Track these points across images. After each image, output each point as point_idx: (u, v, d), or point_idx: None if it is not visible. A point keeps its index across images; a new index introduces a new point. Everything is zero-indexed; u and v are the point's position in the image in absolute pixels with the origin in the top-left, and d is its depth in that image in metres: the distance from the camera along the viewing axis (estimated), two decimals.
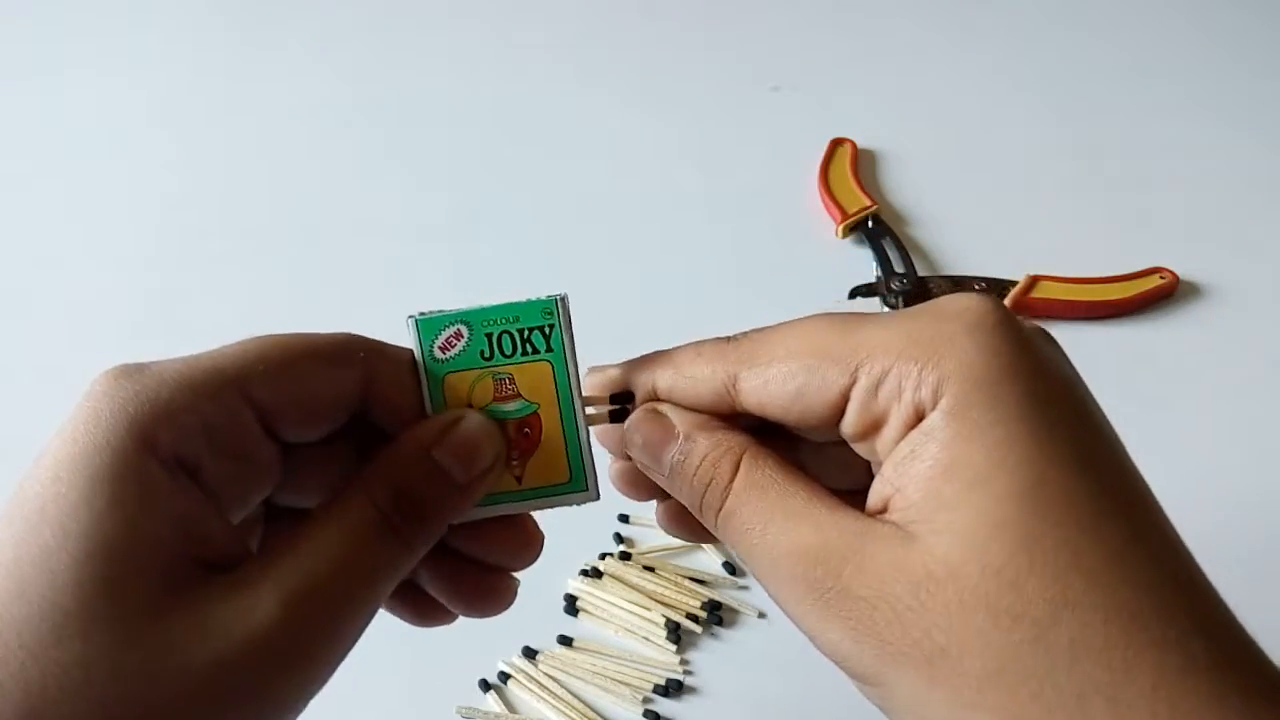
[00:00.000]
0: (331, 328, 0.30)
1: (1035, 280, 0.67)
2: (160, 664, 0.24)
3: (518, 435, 0.31)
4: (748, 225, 0.74)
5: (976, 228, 0.73)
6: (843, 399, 0.27)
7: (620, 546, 0.55)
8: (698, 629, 0.52)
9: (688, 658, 0.52)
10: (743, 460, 0.29)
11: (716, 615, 0.52)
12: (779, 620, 0.28)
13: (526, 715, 0.50)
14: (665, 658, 0.51)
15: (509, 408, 0.31)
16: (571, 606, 0.53)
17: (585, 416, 0.31)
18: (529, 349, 0.31)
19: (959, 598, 0.24)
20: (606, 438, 0.32)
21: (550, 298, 0.31)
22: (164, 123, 0.82)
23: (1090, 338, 0.66)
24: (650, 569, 0.54)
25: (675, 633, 0.52)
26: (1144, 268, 0.68)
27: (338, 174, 0.78)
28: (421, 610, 0.33)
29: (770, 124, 0.81)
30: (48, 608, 0.24)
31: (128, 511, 0.25)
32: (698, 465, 0.29)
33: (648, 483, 0.32)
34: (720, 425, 0.30)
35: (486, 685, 0.50)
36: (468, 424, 0.30)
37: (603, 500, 0.32)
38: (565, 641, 0.52)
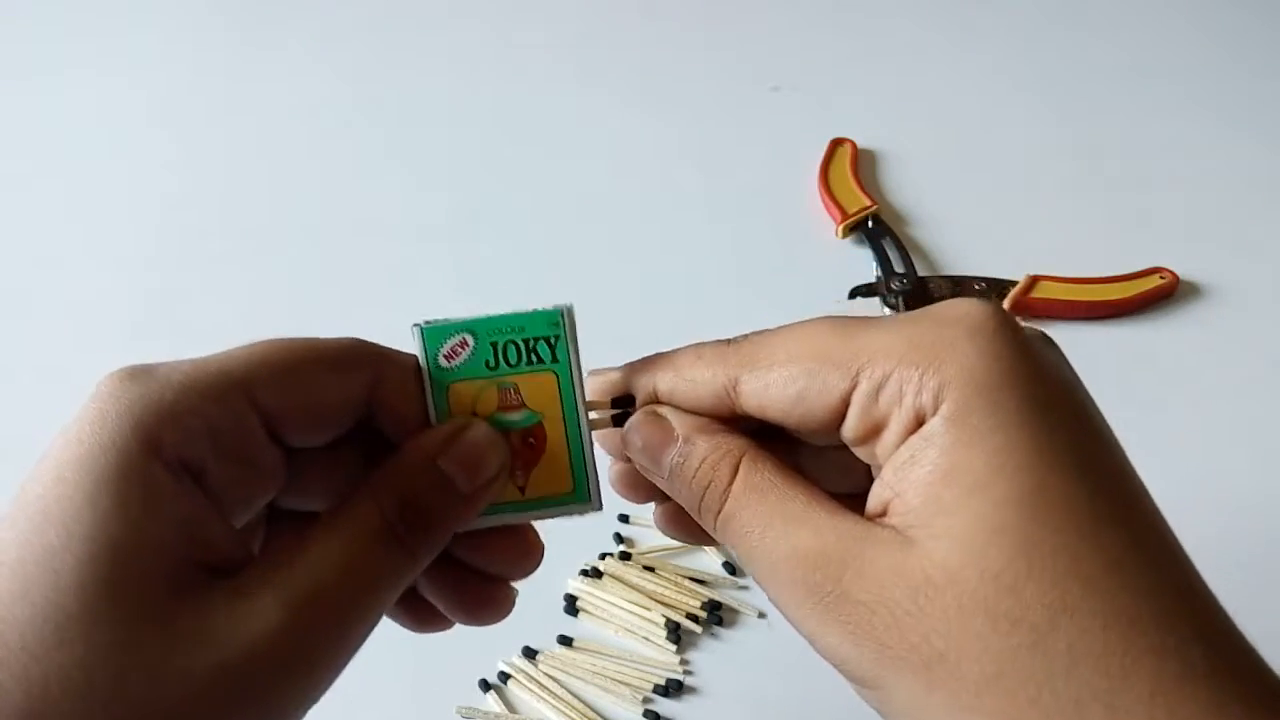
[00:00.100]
0: (332, 327, 0.30)
1: (1035, 280, 0.67)
2: (162, 668, 0.24)
3: (521, 445, 0.31)
4: (748, 225, 0.74)
5: (976, 228, 0.73)
6: (843, 403, 0.27)
7: (620, 546, 0.55)
8: (698, 629, 0.52)
9: (688, 658, 0.52)
10: (742, 463, 0.29)
11: (716, 615, 0.52)
12: (779, 620, 0.28)
13: (526, 715, 0.50)
14: (665, 658, 0.51)
15: (513, 418, 0.31)
16: (571, 606, 0.53)
17: (590, 427, 0.31)
18: (534, 359, 0.30)
19: (957, 602, 0.24)
20: (606, 440, 0.32)
21: (556, 308, 0.31)
22: (164, 123, 0.82)
23: (1090, 338, 0.66)
24: (650, 569, 0.54)
25: (675, 633, 0.52)
26: (1144, 268, 0.68)
27: (338, 174, 0.78)
28: (420, 617, 0.33)
29: (770, 124, 0.81)
30: (51, 609, 0.24)
31: (132, 514, 0.25)
32: (697, 467, 0.29)
33: (647, 485, 0.32)
34: (720, 428, 0.30)
35: (486, 685, 0.50)
36: (473, 433, 0.30)
37: (604, 500, 0.32)
38: (565, 641, 0.52)
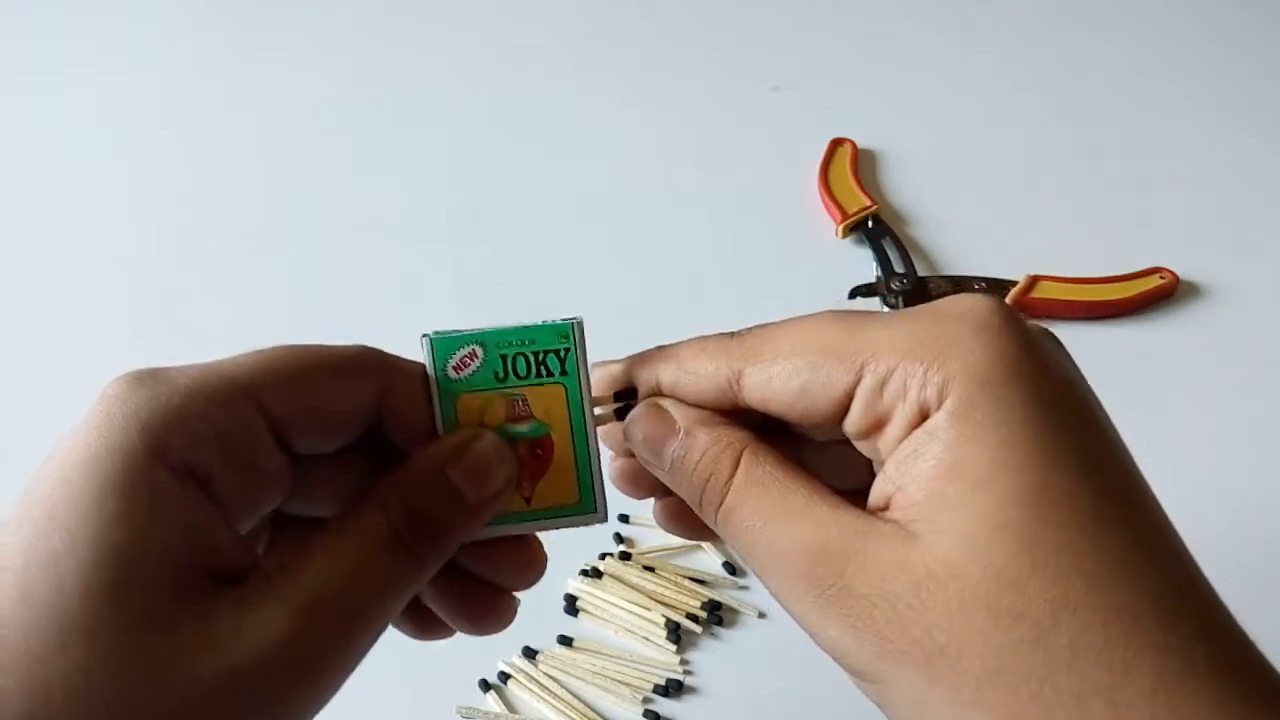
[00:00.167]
0: (332, 327, 0.30)
1: (1035, 280, 0.67)
2: (166, 674, 0.24)
3: (528, 456, 0.31)
4: (748, 225, 0.74)
5: (976, 228, 0.73)
6: (847, 397, 0.27)
7: (620, 546, 0.55)
8: (698, 629, 0.52)
9: (688, 658, 0.52)
10: (743, 456, 0.29)
11: (716, 615, 0.52)
12: (779, 620, 0.28)
13: (526, 715, 0.50)
14: (665, 658, 0.51)
15: (521, 429, 0.31)
16: (571, 606, 0.53)
17: (597, 440, 0.31)
18: (543, 372, 0.31)
19: (959, 597, 0.24)
20: (608, 434, 0.32)
21: (566, 321, 0.31)
22: (164, 123, 0.82)
23: (1090, 338, 0.66)
24: (650, 569, 0.54)
25: (675, 633, 0.52)
26: (1144, 268, 0.68)
27: (338, 174, 0.78)
28: (422, 625, 0.33)
29: (770, 124, 0.81)
30: (54, 613, 0.24)
31: (137, 519, 0.25)
32: (698, 460, 0.29)
33: (648, 480, 0.32)
34: (721, 421, 0.30)
35: (486, 685, 0.50)
36: (482, 444, 0.30)
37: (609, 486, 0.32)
38: (565, 641, 0.52)
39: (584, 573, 0.54)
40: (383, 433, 0.30)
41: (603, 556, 0.55)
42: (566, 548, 0.54)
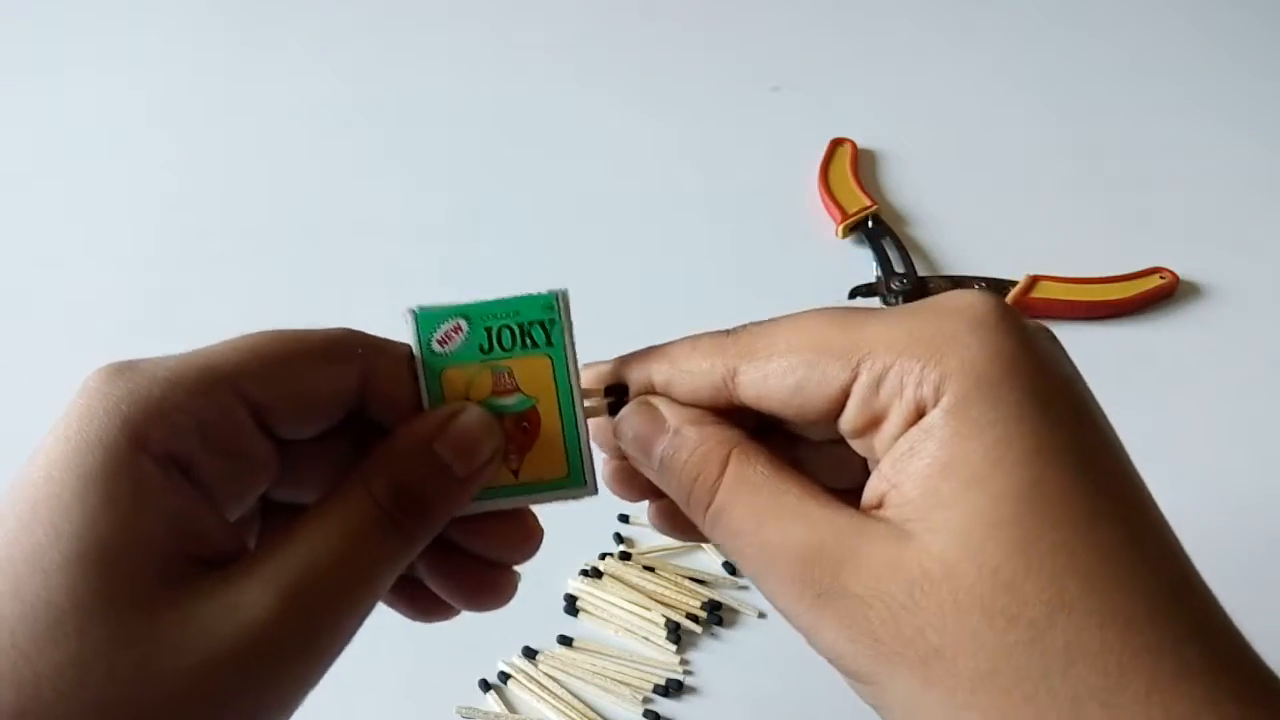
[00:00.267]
0: (331, 326, 0.30)
1: (1035, 280, 0.67)
2: (156, 663, 0.24)
3: (515, 430, 0.31)
4: (748, 225, 0.74)
5: (976, 228, 0.73)
6: (843, 394, 0.27)
7: (620, 546, 0.55)
8: (698, 629, 0.52)
9: (688, 658, 0.52)
10: (732, 455, 0.28)
11: (716, 615, 0.52)
12: (779, 620, 0.28)
13: (526, 715, 0.50)
14: (665, 658, 0.51)
15: (507, 402, 0.30)
16: (571, 606, 0.53)
17: (585, 411, 0.31)
18: (528, 343, 0.30)
19: (954, 598, 0.24)
20: (601, 437, 0.32)
21: (551, 292, 0.30)
22: (164, 123, 0.82)
23: (1090, 338, 0.66)
24: (650, 569, 0.54)
25: (675, 633, 0.52)
26: (1144, 268, 0.68)
27: (338, 174, 0.78)
28: (420, 605, 0.33)
29: (770, 124, 0.81)
30: (41, 607, 0.24)
31: (121, 509, 0.25)
32: (686, 459, 0.29)
33: (641, 482, 0.32)
34: (711, 419, 0.29)
35: (486, 685, 0.50)
36: (467, 417, 0.30)
37: (603, 500, 0.32)
38: (565, 641, 0.52)
39: (584, 573, 0.54)
40: (368, 414, 0.30)
41: (603, 556, 0.55)
42: (566, 548, 0.55)
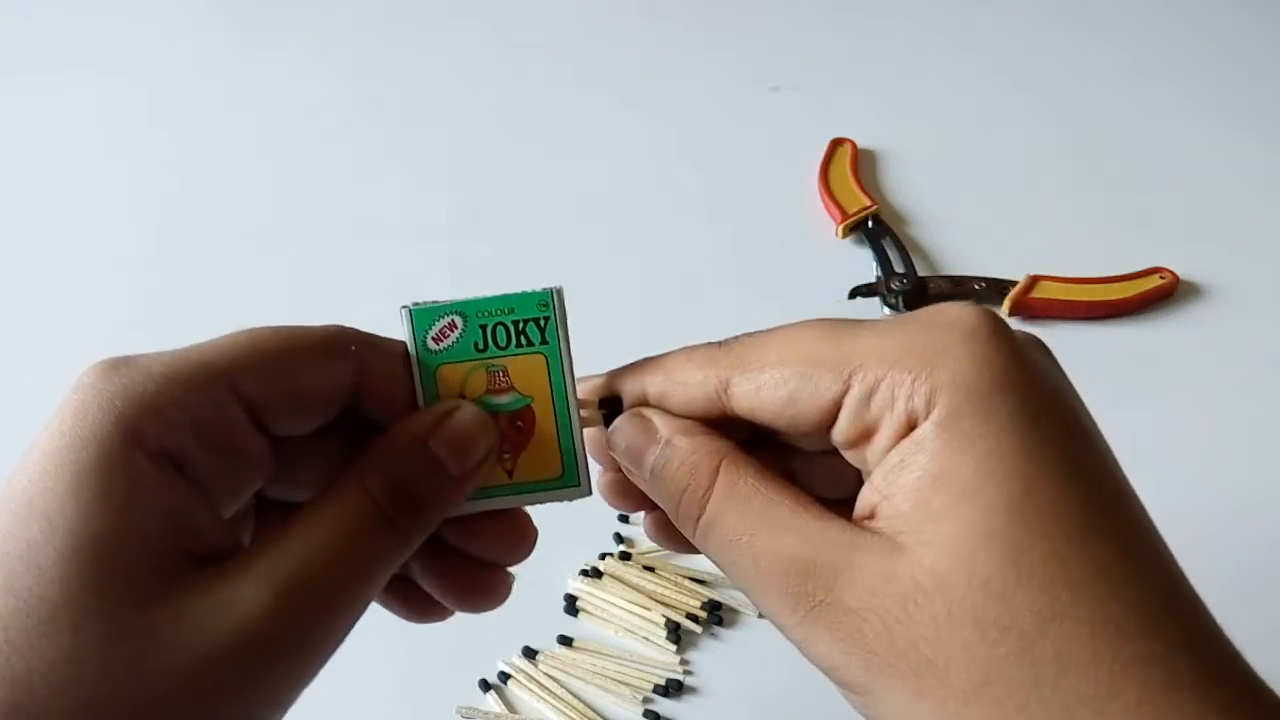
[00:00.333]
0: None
1: (1035, 280, 0.67)
2: (149, 659, 0.24)
3: (510, 429, 0.30)
4: (748, 225, 0.74)
5: (976, 228, 0.73)
6: (835, 406, 0.27)
7: (620, 546, 0.55)
8: (698, 629, 0.52)
9: (688, 658, 0.52)
10: (721, 467, 0.28)
11: (716, 615, 0.52)
12: None
13: (526, 715, 0.50)
14: (665, 658, 0.51)
15: (502, 400, 0.30)
16: (571, 606, 0.53)
17: (580, 410, 0.31)
18: (523, 341, 0.30)
19: (946, 610, 0.24)
20: (596, 449, 0.32)
21: (546, 290, 0.30)
22: (164, 123, 0.82)
23: (1090, 338, 0.66)
24: (650, 569, 0.54)
25: (675, 633, 0.52)
26: (1144, 268, 0.68)
27: (338, 174, 0.78)
28: (415, 605, 0.33)
29: (770, 124, 0.81)
30: (35, 602, 0.23)
31: (115, 505, 0.25)
32: (676, 469, 0.29)
33: (636, 494, 0.31)
34: (702, 430, 0.29)
35: (486, 685, 0.50)
36: (461, 415, 0.30)
37: (602, 501, 0.32)
38: (565, 641, 0.52)
39: (584, 573, 0.54)
40: (363, 412, 0.30)
41: (603, 556, 0.55)
42: (566, 548, 0.55)
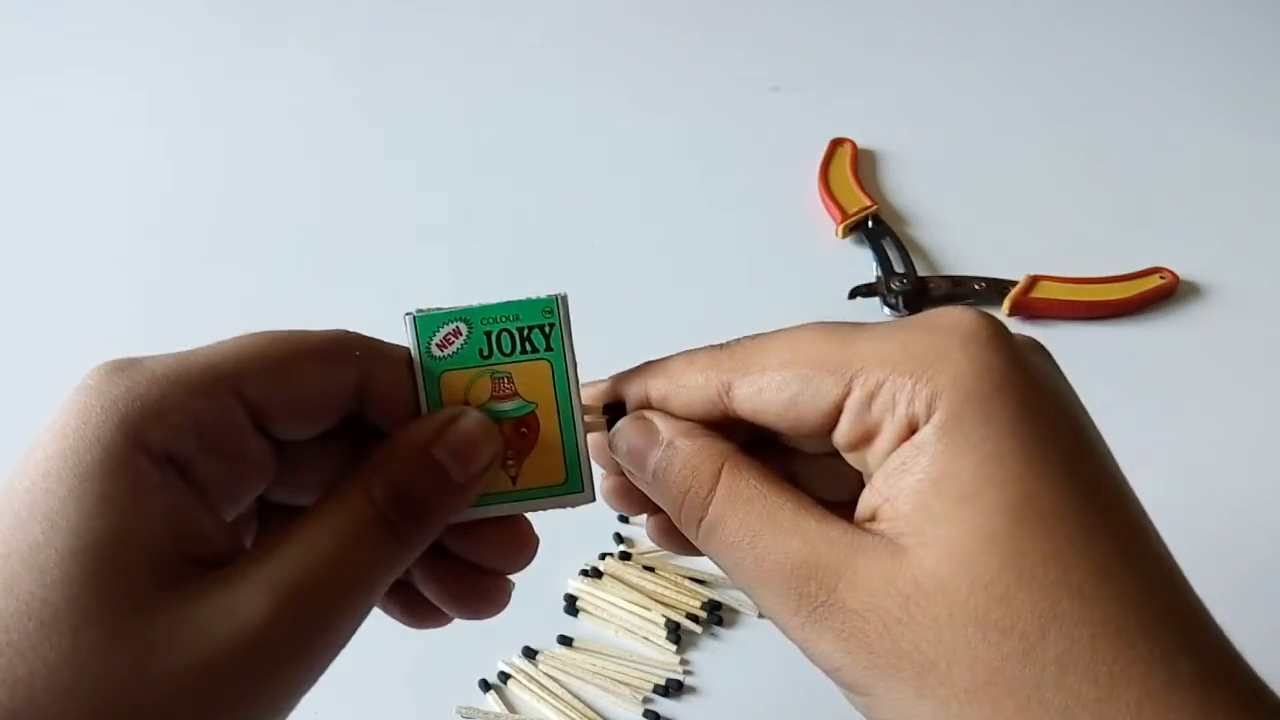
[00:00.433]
0: (331, 326, 0.30)
1: (1035, 280, 0.67)
2: (149, 663, 0.24)
3: (514, 435, 0.30)
4: (748, 225, 0.74)
5: (976, 228, 0.73)
6: (836, 409, 0.27)
7: (620, 546, 0.55)
8: (698, 629, 0.52)
9: (688, 658, 0.52)
10: (724, 469, 0.28)
11: (716, 615, 0.52)
12: None
13: (526, 715, 0.50)
14: (665, 658, 0.51)
15: (506, 407, 0.30)
16: (571, 606, 0.53)
17: (584, 416, 0.31)
18: (528, 348, 0.30)
19: (948, 611, 0.24)
20: (599, 453, 0.32)
21: (550, 296, 0.30)
22: (164, 123, 0.82)
23: (1090, 338, 0.66)
24: (650, 569, 0.54)
25: (675, 633, 0.52)
26: (1144, 268, 0.68)
27: (338, 174, 0.78)
28: (415, 611, 0.33)
29: (770, 124, 0.81)
30: (36, 604, 0.23)
31: (117, 508, 0.25)
32: (678, 471, 0.29)
33: (639, 497, 0.32)
34: (704, 432, 0.29)
35: (486, 685, 0.50)
36: (465, 421, 0.30)
37: (603, 502, 0.32)
38: (565, 641, 0.52)
39: (584, 573, 0.54)
40: (366, 417, 0.30)
41: (603, 556, 0.55)
42: (566, 548, 0.55)
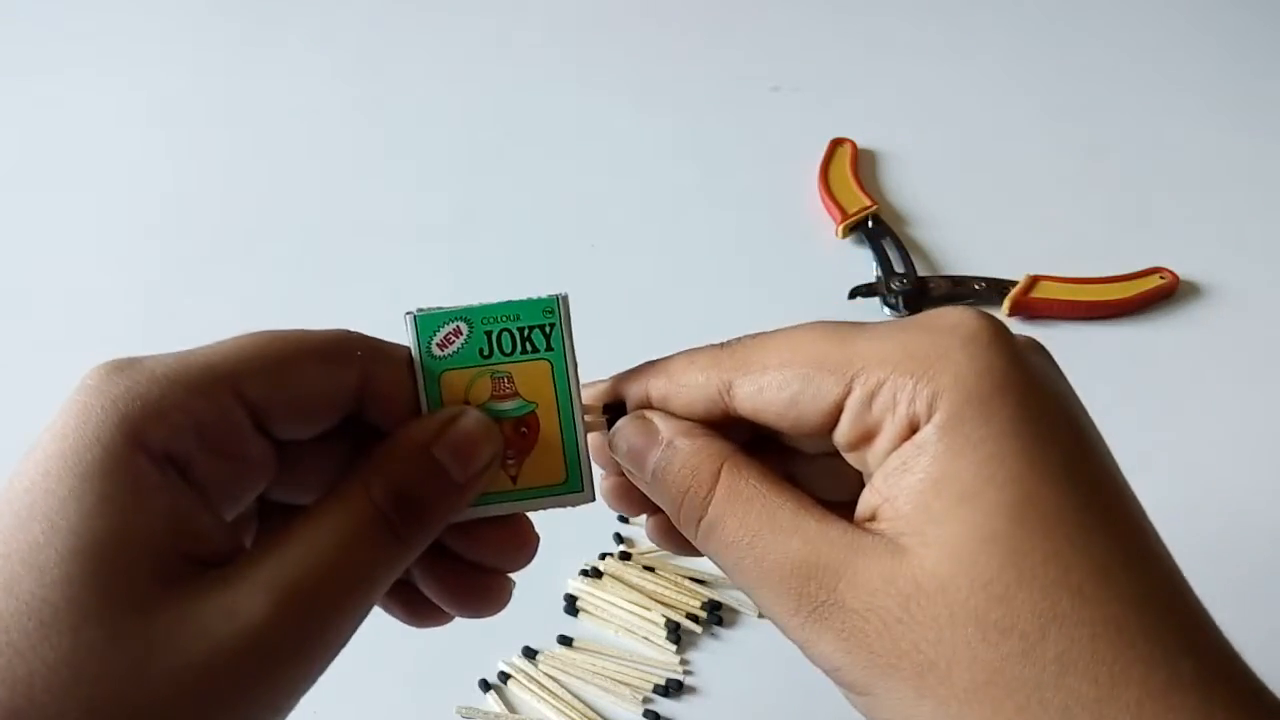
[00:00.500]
0: (331, 326, 0.30)
1: (1035, 280, 0.67)
2: (149, 663, 0.24)
3: (514, 434, 0.30)
4: (748, 225, 0.74)
5: (976, 228, 0.73)
6: (836, 409, 0.27)
7: (620, 546, 0.55)
8: (698, 629, 0.52)
9: (688, 658, 0.52)
10: (724, 469, 0.28)
11: (716, 615, 0.52)
12: None
13: (526, 715, 0.50)
14: (665, 658, 0.51)
15: (506, 406, 0.30)
16: (571, 606, 0.53)
17: (584, 416, 0.31)
18: (528, 348, 0.30)
19: (948, 611, 0.24)
20: (598, 453, 0.32)
21: (551, 296, 0.30)
22: (164, 123, 0.82)
23: (1090, 338, 0.66)
24: (650, 569, 0.54)
25: (675, 633, 0.52)
26: (1144, 268, 0.68)
27: (338, 174, 0.78)
28: (415, 610, 0.33)
29: (770, 124, 0.81)
30: (36, 604, 0.23)
31: (117, 507, 0.25)
32: (678, 471, 0.29)
33: (639, 497, 0.32)
34: (704, 432, 0.29)
35: (486, 685, 0.50)
36: (466, 421, 0.30)
37: (603, 502, 0.32)
38: (565, 641, 0.52)
39: (584, 573, 0.54)
40: (366, 417, 0.30)
41: (603, 556, 0.55)
42: (566, 548, 0.55)
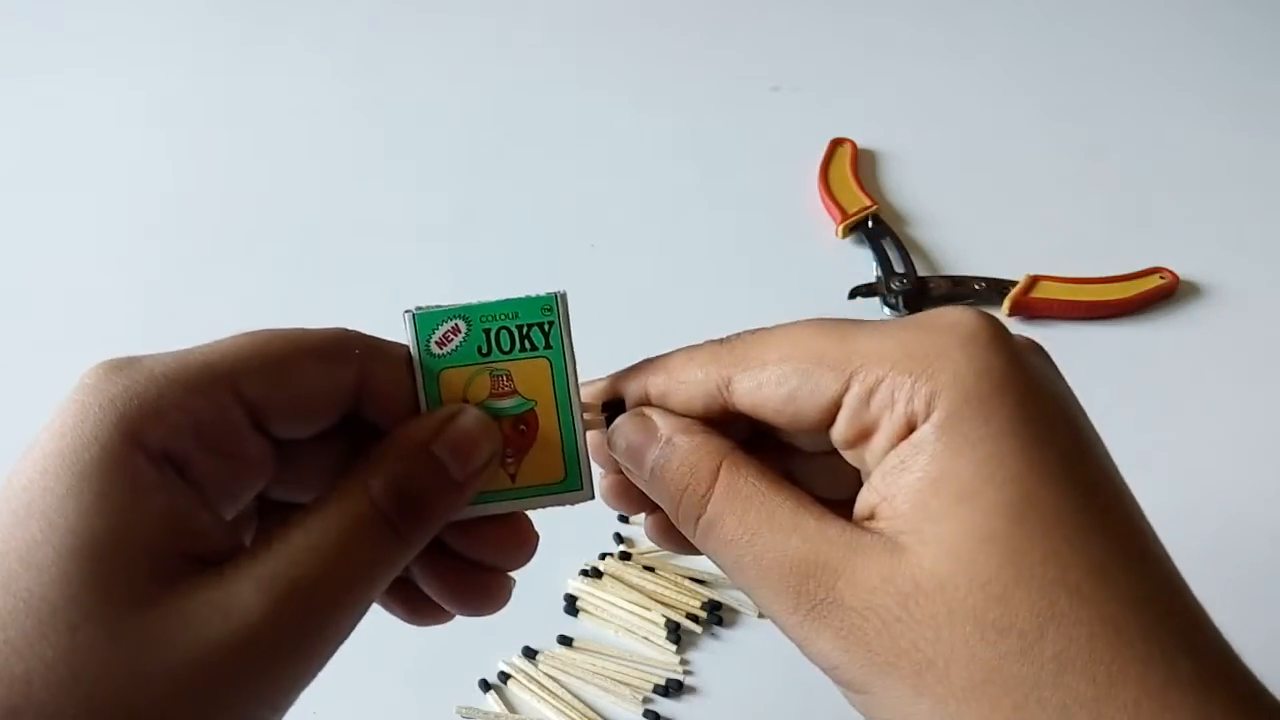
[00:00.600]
0: (331, 326, 0.30)
1: (1035, 280, 0.67)
2: (147, 661, 0.24)
3: (513, 433, 0.30)
4: (748, 225, 0.74)
5: (976, 228, 0.73)
6: (835, 405, 0.27)
7: (620, 546, 0.55)
8: (698, 629, 0.52)
9: (688, 658, 0.52)
10: (722, 467, 0.28)
11: (716, 615, 0.52)
12: None
13: (526, 715, 0.50)
14: (665, 658, 0.51)
15: (505, 404, 0.30)
16: (571, 606, 0.53)
17: (583, 414, 0.31)
18: (527, 345, 0.30)
19: (947, 610, 0.24)
20: (597, 451, 0.32)
21: (550, 294, 0.30)
22: (164, 123, 0.82)
23: (1090, 338, 0.66)
24: (650, 569, 0.54)
25: (675, 633, 0.52)
26: (1144, 268, 0.68)
27: (338, 174, 0.78)
28: (415, 608, 0.33)
29: (770, 124, 0.81)
30: (34, 602, 0.23)
31: (115, 506, 0.25)
32: (676, 468, 0.29)
33: (638, 495, 0.31)
34: (702, 429, 0.29)
35: (486, 685, 0.50)
36: (464, 419, 0.30)
37: (602, 502, 0.32)
38: (565, 641, 0.52)
39: (584, 573, 0.54)
40: (365, 415, 0.30)
41: (603, 556, 0.55)
42: (566, 548, 0.55)
